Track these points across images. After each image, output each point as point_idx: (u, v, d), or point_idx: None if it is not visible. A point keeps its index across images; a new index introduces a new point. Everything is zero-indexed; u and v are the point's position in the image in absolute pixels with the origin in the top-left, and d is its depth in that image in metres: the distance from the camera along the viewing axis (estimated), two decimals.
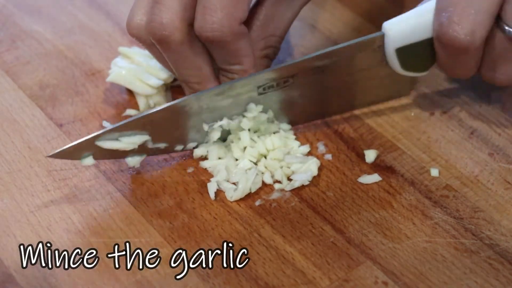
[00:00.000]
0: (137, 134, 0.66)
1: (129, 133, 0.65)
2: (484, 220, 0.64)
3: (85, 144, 0.64)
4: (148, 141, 0.66)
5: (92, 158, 0.65)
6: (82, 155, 0.65)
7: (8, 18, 0.82)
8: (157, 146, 0.67)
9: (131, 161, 0.67)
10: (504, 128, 0.71)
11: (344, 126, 0.72)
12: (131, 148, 0.66)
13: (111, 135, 0.65)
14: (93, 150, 0.65)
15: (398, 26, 0.66)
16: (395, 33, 0.66)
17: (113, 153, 0.66)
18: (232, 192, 0.66)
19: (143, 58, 0.73)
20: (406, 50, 0.67)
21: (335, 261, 0.62)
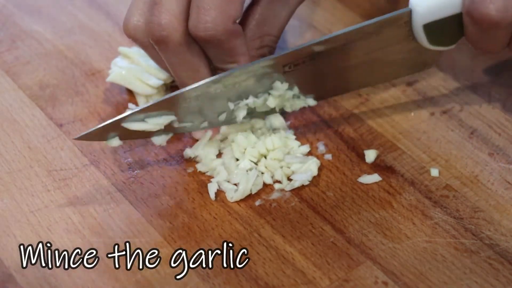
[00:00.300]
0: (163, 114, 0.66)
1: (155, 113, 0.65)
2: (484, 220, 0.64)
3: (111, 126, 0.65)
4: (174, 121, 0.66)
5: (118, 139, 0.65)
6: (109, 136, 0.65)
7: (8, 18, 0.82)
8: (183, 125, 0.67)
9: (157, 140, 0.67)
10: (504, 128, 0.71)
11: (344, 126, 0.72)
12: (157, 129, 0.66)
13: (137, 116, 0.65)
14: (119, 131, 0.65)
15: (426, 2, 0.65)
16: (423, 9, 0.66)
17: (139, 133, 0.66)
18: (232, 193, 0.66)
19: (142, 58, 0.73)
20: (433, 26, 0.66)
21: (335, 261, 0.62)
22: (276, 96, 0.68)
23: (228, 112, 0.68)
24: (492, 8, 0.62)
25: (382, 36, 0.68)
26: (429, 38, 0.67)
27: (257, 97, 0.68)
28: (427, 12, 0.66)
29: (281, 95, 0.68)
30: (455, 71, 0.76)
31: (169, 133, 0.67)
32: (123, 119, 0.65)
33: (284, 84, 0.68)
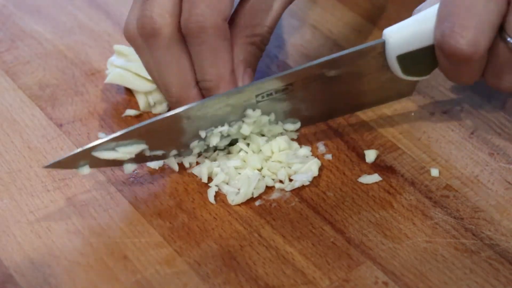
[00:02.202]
0: (134, 143, 0.65)
1: (126, 142, 0.65)
2: (484, 220, 0.64)
3: (81, 154, 0.64)
4: (145, 149, 0.66)
5: (88, 167, 0.65)
6: (79, 164, 0.65)
7: (8, 18, 0.82)
8: (154, 153, 0.67)
9: (128, 168, 0.67)
10: (504, 128, 0.71)
11: (344, 126, 0.72)
12: (128, 158, 0.65)
13: (108, 145, 0.64)
14: (89, 159, 0.64)
15: (399, 34, 0.66)
16: (396, 40, 0.66)
17: (110, 162, 0.65)
18: (233, 196, 0.66)
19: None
20: (407, 57, 0.66)
21: (335, 261, 0.62)
22: (250, 123, 0.68)
23: (200, 143, 0.67)
24: (463, 42, 0.62)
25: (356, 66, 0.68)
26: (403, 69, 0.67)
27: (230, 125, 0.67)
28: (400, 43, 0.66)
29: (255, 121, 0.68)
30: None
31: (140, 161, 0.67)
32: (93, 148, 0.64)
33: (256, 111, 0.67)
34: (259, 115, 0.68)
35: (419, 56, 0.66)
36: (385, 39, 0.66)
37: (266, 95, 0.67)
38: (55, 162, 0.64)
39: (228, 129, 0.67)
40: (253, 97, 0.67)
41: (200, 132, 0.67)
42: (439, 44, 0.63)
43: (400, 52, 0.66)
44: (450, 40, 0.62)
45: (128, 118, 0.73)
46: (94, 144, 0.64)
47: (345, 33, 0.81)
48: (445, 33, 0.62)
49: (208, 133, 0.67)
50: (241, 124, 0.68)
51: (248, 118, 0.67)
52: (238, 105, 0.67)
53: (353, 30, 0.81)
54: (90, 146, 0.64)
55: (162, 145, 0.66)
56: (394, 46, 0.66)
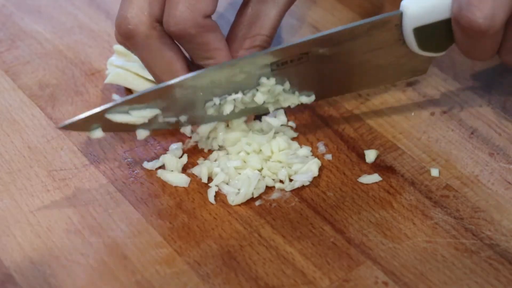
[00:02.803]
0: (148, 107, 0.65)
1: (140, 106, 0.65)
2: (484, 220, 0.64)
3: (95, 116, 0.64)
4: (158, 115, 0.66)
5: (101, 131, 0.65)
6: (92, 127, 0.65)
7: (8, 18, 0.82)
8: (167, 120, 0.67)
9: (141, 134, 0.67)
10: (504, 128, 0.71)
11: (344, 126, 0.72)
12: (141, 122, 0.65)
13: (121, 108, 0.64)
14: (102, 122, 0.64)
15: (416, 5, 0.65)
16: (413, 12, 0.65)
17: (123, 126, 0.65)
18: (234, 196, 0.66)
19: None
20: (424, 30, 0.66)
21: (335, 261, 0.62)
22: (264, 91, 0.67)
23: (214, 107, 0.67)
24: (480, 15, 0.62)
25: (372, 39, 0.67)
26: (419, 43, 0.67)
27: (244, 93, 0.67)
28: (418, 15, 0.65)
29: (270, 90, 0.67)
30: (455, 71, 0.76)
31: (153, 127, 0.66)
32: (107, 110, 0.64)
33: (271, 79, 0.67)
34: (274, 83, 0.67)
35: (436, 29, 0.66)
36: (402, 10, 0.66)
37: (281, 63, 0.67)
38: (70, 123, 0.64)
39: (242, 96, 0.67)
40: (267, 65, 0.66)
41: (214, 99, 0.66)
42: (455, 17, 0.63)
43: (417, 25, 0.66)
44: (467, 13, 0.62)
45: None
46: (108, 106, 0.64)
47: None
48: (462, 6, 0.62)
49: (221, 101, 0.67)
50: (255, 92, 0.67)
51: (262, 87, 0.67)
52: (252, 73, 0.66)
53: None
54: (104, 108, 0.64)
55: (175, 111, 0.66)
56: (411, 18, 0.65)
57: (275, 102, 0.69)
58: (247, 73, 0.66)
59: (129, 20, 0.65)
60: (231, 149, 0.69)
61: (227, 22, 0.71)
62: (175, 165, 0.68)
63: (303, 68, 0.68)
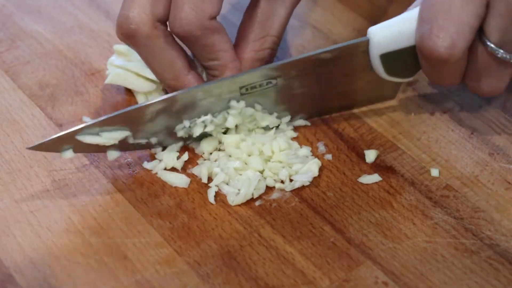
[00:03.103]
0: (118, 129, 0.65)
1: (110, 128, 0.65)
2: (484, 220, 0.64)
3: (65, 137, 0.64)
4: (129, 136, 0.66)
5: (72, 151, 0.65)
6: (62, 148, 0.65)
7: (8, 18, 0.82)
8: (138, 141, 0.67)
9: (112, 155, 0.67)
10: (504, 128, 0.71)
11: (344, 126, 0.72)
12: (111, 143, 0.66)
13: (92, 130, 0.65)
14: (73, 143, 0.65)
15: (382, 32, 0.66)
16: (379, 39, 0.66)
17: (93, 147, 0.66)
18: (234, 196, 0.66)
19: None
20: (390, 56, 0.67)
21: (335, 261, 0.62)
22: (235, 114, 0.68)
23: (184, 130, 0.67)
24: (440, 45, 0.62)
25: (340, 64, 0.68)
26: (386, 69, 0.68)
27: (214, 115, 0.67)
28: (384, 42, 0.66)
29: (240, 112, 0.68)
30: None
31: (124, 149, 0.67)
32: (77, 131, 0.64)
33: (240, 102, 0.67)
34: (243, 106, 0.68)
35: (402, 56, 0.66)
36: (369, 37, 0.66)
37: (250, 88, 0.67)
38: (39, 144, 0.64)
39: (211, 119, 0.67)
40: (237, 89, 0.67)
41: (184, 122, 0.67)
42: (418, 46, 0.64)
43: (383, 51, 0.66)
44: (429, 42, 0.63)
45: None
46: (78, 127, 0.64)
47: (345, 33, 0.81)
48: (424, 35, 0.63)
49: (191, 123, 0.67)
50: (226, 115, 0.68)
51: (233, 109, 0.68)
52: (222, 96, 0.67)
53: (353, 30, 0.81)
54: (74, 129, 0.64)
55: (145, 133, 0.67)
56: (377, 44, 0.66)
57: (251, 121, 0.69)
58: (217, 96, 0.67)
59: (130, 19, 0.65)
60: (231, 150, 0.68)
61: (230, 24, 0.71)
62: (173, 161, 0.68)
63: (273, 92, 0.68)
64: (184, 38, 0.66)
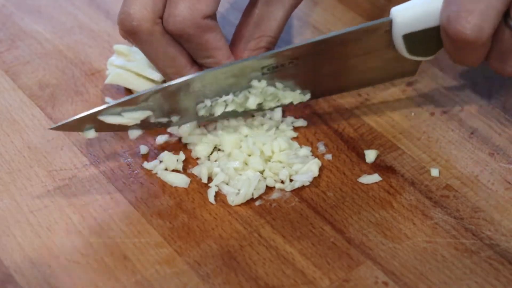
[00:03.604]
0: (139, 109, 0.66)
1: (131, 108, 0.65)
2: (484, 220, 0.64)
3: (88, 117, 0.65)
4: (150, 116, 0.66)
5: (94, 131, 0.66)
6: (85, 128, 0.65)
7: (8, 18, 0.82)
8: (159, 120, 0.67)
9: (133, 134, 0.68)
10: (504, 128, 0.71)
11: (344, 126, 0.72)
12: (133, 123, 0.66)
13: (114, 110, 0.65)
14: (95, 123, 0.65)
15: (406, 12, 0.66)
16: (403, 19, 0.66)
17: (115, 127, 0.66)
18: (234, 196, 0.66)
19: (140, 55, 0.73)
20: (413, 36, 0.66)
21: (335, 261, 0.62)
22: (256, 93, 0.68)
23: (206, 108, 0.68)
24: (468, 27, 0.63)
25: (362, 44, 0.68)
26: (408, 48, 0.67)
27: (235, 95, 0.68)
28: (407, 22, 0.66)
29: (261, 92, 0.68)
30: (455, 71, 0.76)
31: (145, 128, 0.67)
32: (100, 112, 0.65)
33: (262, 82, 0.68)
34: (265, 86, 0.68)
35: (425, 36, 0.66)
36: (392, 17, 0.66)
37: (272, 67, 0.67)
38: (62, 124, 0.65)
39: (233, 98, 0.67)
40: (258, 69, 0.67)
41: (205, 101, 0.67)
42: (444, 27, 0.64)
43: (406, 31, 0.66)
44: (456, 24, 0.63)
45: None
46: (101, 108, 0.65)
47: None
48: (451, 17, 0.63)
49: (213, 102, 0.67)
50: (247, 94, 0.68)
51: (254, 89, 0.68)
52: (243, 76, 0.67)
53: None
54: (97, 110, 0.65)
55: (167, 112, 0.67)
56: (400, 25, 0.66)
57: (273, 99, 0.69)
58: (238, 76, 0.67)
59: (132, 16, 0.65)
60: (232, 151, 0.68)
61: (229, 23, 0.71)
62: (174, 162, 0.68)
63: (294, 71, 0.68)
64: (177, 36, 0.66)
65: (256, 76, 0.67)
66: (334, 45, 0.67)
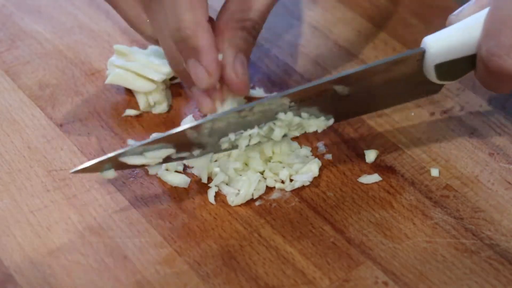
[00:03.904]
0: (162, 147, 0.64)
1: (154, 147, 0.63)
2: (484, 220, 0.64)
3: (108, 160, 0.63)
4: (172, 153, 0.65)
5: (113, 171, 0.64)
6: (104, 168, 0.63)
7: (8, 18, 0.82)
8: (180, 155, 0.65)
9: (153, 170, 0.67)
10: (504, 128, 0.71)
11: (344, 126, 0.72)
12: (156, 163, 0.64)
13: (135, 150, 0.63)
14: (115, 163, 0.63)
15: (439, 43, 0.65)
16: (437, 50, 0.65)
17: (136, 165, 0.64)
18: (233, 196, 0.66)
19: (141, 55, 0.73)
20: (445, 65, 0.65)
21: (335, 261, 0.62)
22: (281, 126, 0.66)
23: (229, 142, 0.66)
24: (510, 62, 0.62)
25: (392, 73, 0.66)
26: (439, 75, 0.67)
27: (260, 127, 0.66)
28: (441, 53, 0.65)
29: (287, 124, 0.66)
30: None
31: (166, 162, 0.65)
32: (121, 155, 0.63)
33: (288, 114, 0.66)
34: (291, 118, 0.66)
35: (457, 64, 0.65)
36: (426, 48, 0.65)
37: (300, 100, 0.66)
38: (82, 168, 0.63)
39: (258, 131, 0.66)
40: (286, 103, 0.65)
41: (230, 135, 0.65)
42: (483, 60, 0.63)
43: (439, 61, 0.65)
44: (497, 59, 0.62)
45: (128, 118, 0.73)
46: (122, 151, 0.63)
47: (345, 33, 0.81)
48: (491, 51, 0.62)
49: (237, 136, 0.66)
50: (272, 126, 0.66)
51: (279, 121, 0.66)
52: (270, 110, 0.65)
53: (353, 30, 0.81)
54: (117, 153, 0.63)
55: (190, 149, 0.65)
56: (434, 55, 0.65)
57: (297, 128, 0.68)
58: (265, 112, 0.65)
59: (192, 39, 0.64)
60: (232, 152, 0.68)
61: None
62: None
63: (321, 102, 0.66)
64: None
65: (282, 109, 0.66)
66: (363, 78, 0.66)
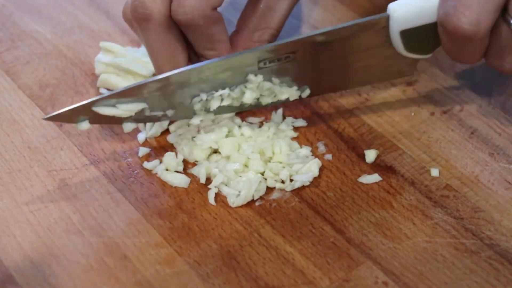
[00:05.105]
0: (134, 101, 0.65)
1: (126, 100, 0.65)
2: (484, 220, 0.64)
3: (82, 108, 0.65)
4: (145, 109, 0.66)
5: (88, 123, 0.65)
6: (78, 119, 0.65)
7: (8, 18, 0.82)
8: (154, 114, 0.67)
9: (127, 127, 0.68)
10: (504, 128, 0.71)
11: (344, 126, 0.72)
12: (127, 116, 0.66)
13: (108, 102, 0.65)
14: (89, 114, 0.65)
15: (404, 8, 0.66)
16: (400, 15, 0.66)
17: (109, 119, 0.66)
18: (234, 197, 0.66)
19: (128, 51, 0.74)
20: (410, 33, 0.66)
21: (335, 261, 0.62)
22: (252, 88, 0.68)
23: (201, 102, 0.68)
24: (465, 21, 0.62)
25: (359, 40, 0.68)
26: (406, 45, 0.67)
27: (231, 89, 0.68)
28: (404, 18, 0.66)
29: (258, 86, 0.68)
30: (455, 71, 0.76)
31: (139, 121, 0.67)
32: (94, 103, 0.65)
33: (258, 76, 0.67)
34: (261, 80, 0.68)
35: (422, 32, 0.66)
36: (390, 13, 0.66)
37: (269, 61, 0.67)
38: (56, 114, 0.65)
39: (229, 92, 0.67)
40: (255, 63, 0.67)
41: (201, 95, 0.67)
42: (442, 22, 0.64)
43: (404, 27, 0.66)
44: (453, 18, 0.63)
45: None
46: (95, 99, 0.64)
47: None
48: (448, 12, 0.63)
49: (208, 96, 0.67)
50: (243, 89, 0.68)
51: (250, 83, 0.68)
52: (240, 70, 0.67)
53: None
54: (91, 100, 0.64)
55: (162, 105, 0.67)
56: (398, 20, 0.66)
57: (270, 95, 0.69)
58: (234, 70, 0.67)
59: (146, 4, 0.65)
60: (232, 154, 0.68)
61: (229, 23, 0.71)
62: (175, 162, 0.68)
63: (290, 66, 0.68)
64: (186, 25, 0.66)
65: (252, 70, 0.67)
66: (331, 40, 0.67)
